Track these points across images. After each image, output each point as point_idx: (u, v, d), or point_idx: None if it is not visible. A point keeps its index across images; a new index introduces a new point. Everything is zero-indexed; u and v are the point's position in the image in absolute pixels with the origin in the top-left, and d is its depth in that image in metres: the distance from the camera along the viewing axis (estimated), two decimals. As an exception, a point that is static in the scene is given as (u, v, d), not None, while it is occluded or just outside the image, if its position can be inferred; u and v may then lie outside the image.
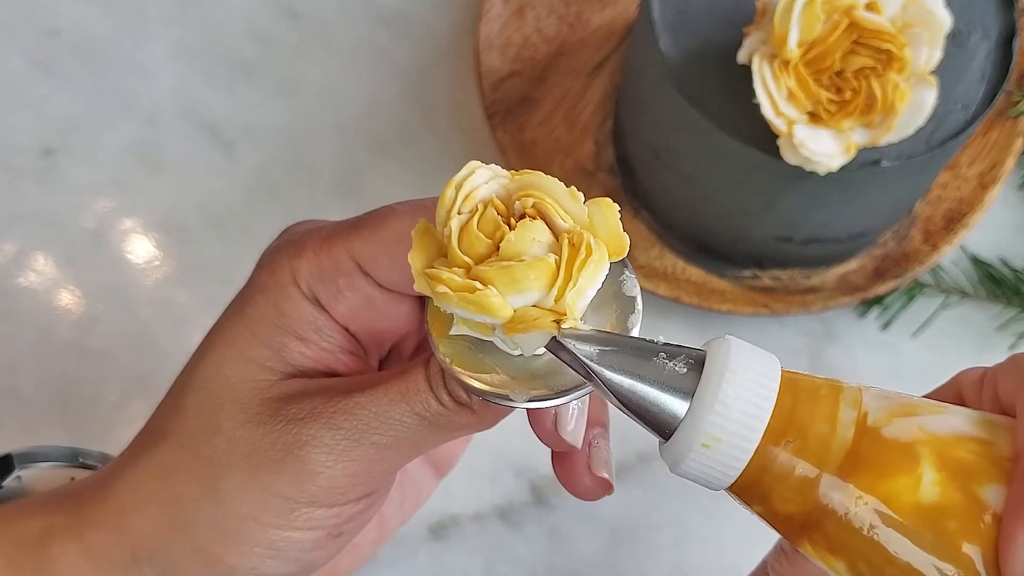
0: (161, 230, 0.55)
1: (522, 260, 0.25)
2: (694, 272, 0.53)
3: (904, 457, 0.25)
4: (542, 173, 0.26)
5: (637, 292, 0.28)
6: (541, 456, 0.51)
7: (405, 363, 0.35)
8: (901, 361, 0.54)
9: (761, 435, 0.26)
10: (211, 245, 0.55)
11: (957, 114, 0.46)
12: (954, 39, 0.46)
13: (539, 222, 0.26)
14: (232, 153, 0.57)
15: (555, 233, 0.26)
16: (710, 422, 0.25)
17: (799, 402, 0.26)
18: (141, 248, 0.55)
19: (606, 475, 0.32)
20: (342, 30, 0.60)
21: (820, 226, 0.50)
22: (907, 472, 0.25)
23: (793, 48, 0.43)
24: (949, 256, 0.55)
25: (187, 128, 0.57)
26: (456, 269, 0.25)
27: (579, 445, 0.31)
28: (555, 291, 0.25)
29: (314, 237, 0.30)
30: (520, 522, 0.50)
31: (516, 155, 0.54)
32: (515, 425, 0.52)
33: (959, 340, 0.54)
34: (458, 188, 0.26)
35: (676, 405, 0.26)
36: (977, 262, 0.55)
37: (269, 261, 0.31)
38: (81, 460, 0.36)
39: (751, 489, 0.26)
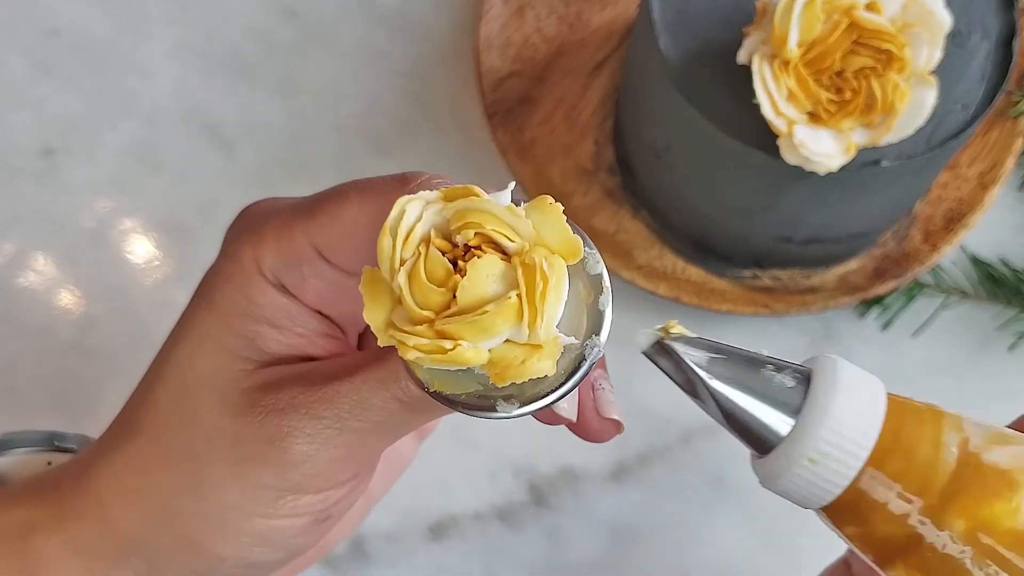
0: (161, 230, 0.55)
1: (485, 310, 0.24)
2: (694, 272, 0.53)
3: (1003, 483, 0.25)
4: (474, 189, 0.25)
5: (602, 268, 0.27)
6: (541, 456, 0.51)
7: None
8: (901, 361, 0.54)
9: (869, 452, 0.25)
10: (211, 245, 0.54)
11: (957, 114, 0.46)
12: (954, 39, 0.46)
13: (487, 256, 0.25)
14: (232, 153, 0.57)
15: (505, 253, 0.25)
16: (820, 437, 0.25)
17: (905, 423, 0.26)
18: (141, 248, 0.55)
19: (615, 415, 0.32)
20: (342, 30, 0.60)
21: (820, 226, 0.50)
22: (1006, 499, 0.25)
23: (793, 48, 0.43)
24: (949, 256, 0.55)
25: (187, 128, 0.57)
26: (420, 328, 0.24)
27: (574, 418, 0.31)
28: (525, 328, 0.25)
29: (273, 222, 0.30)
30: (519, 522, 0.50)
31: (516, 155, 0.54)
32: (515, 425, 0.52)
33: (959, 340, 0.54)
34: (394, 235, 0.25)
35: (782, 419, 0.26)
36: (977, 262, 0.55)
37: (232, 248, 0.30)
38: (57, 444, 0.36)
39: (848, 509, 0.26)
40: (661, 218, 0.54)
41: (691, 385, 0.26)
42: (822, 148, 0.43)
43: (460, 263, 0.25)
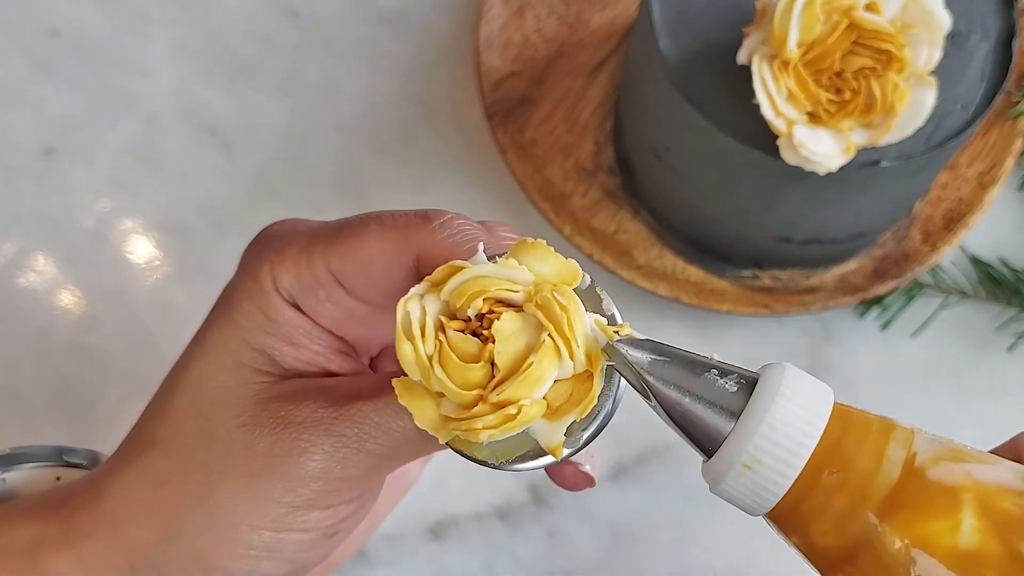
0: (161, 230, 0.55)
1: (530, 362, 0.25)
2: (694, 272, 0.53)
3: (947, 500, 0.25)
4: (456, 263, 0.26)
5: (589, 278, 0.27)
6: (541, 456, 0.52)
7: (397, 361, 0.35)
8: (901, 361, 0.54)
9: (805, 461, 0.25)
10: (211, 245, 0.55)
11: (956, 114, 0.46)
12: (954, 39, 0.46)
13: (506, 314, 0.25)
14: (232, 153, 0.57)
15: (516, 306, 0.26)
16: (754, 443, 0.25)
17: (848, 434, 0.26)
18: (141, 248, 0.55)
19: (590, 471, 0.33)
20: (342, 30, 0.60)
21: (820, 226, 0.50)
22: (948, 516, 0.25)
23: (793, 48, 0.43)
24: (949, 256, 0.55)
25: (187, 128, 0.57)
26: (478, 408, 0.25)
27: (595, 481, 0.32)
28: (568, 360, 0.25)
29: (294, 244, 0.30)
30: (519, 522, 0.50)
31: (516, 155, 0.54)
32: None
33: (959, 340, 0.55)
34: (411, 338, 0.25)
35: (722, 423, 0.26)
36: (977, 262, 0.55)
37: (251, 266, 0.31)
38: (66, 459, 0.36)
39: (789, 518, 0.26)
40: (661, 218, 0.54)
41: (641, 387, 0.26)
42: (822, 148, 0.43)
43: (483, 334, 0.25)
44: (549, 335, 0.25)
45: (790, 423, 0.25)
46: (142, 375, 0.52)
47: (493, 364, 0.25)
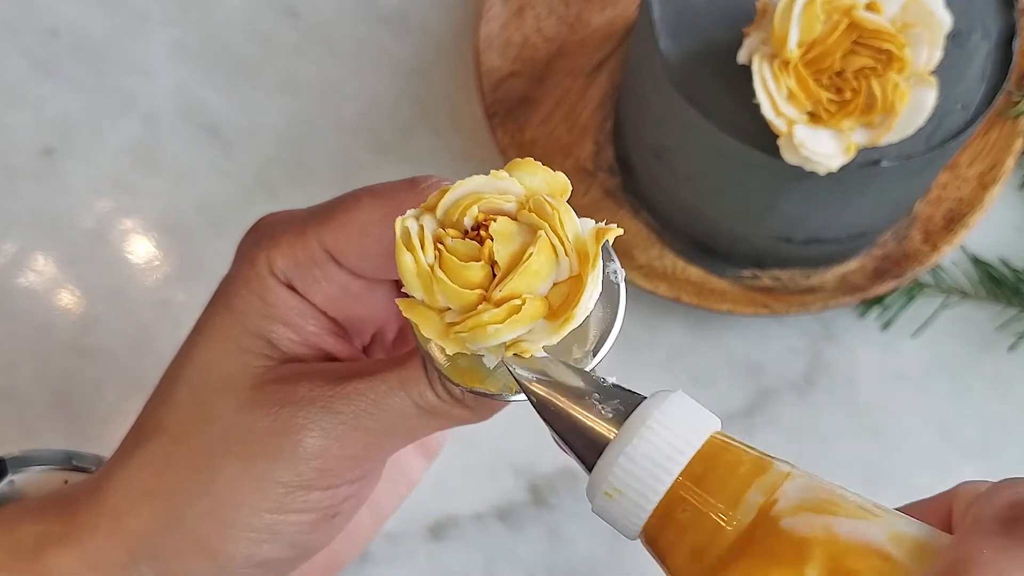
0: (161, 230, 0.55)
1: (530, 253, 0.25)
2: (694, 272, 0.53)
3: (792, 552, 0.24)
4: (446, 186, 0.26)
5: (622, 278, 0.28)
6: (540, 456, 0.51)
7: (388, 349, 0.35)
8: (901, 361, 0.54)
9: (660, 496, 0.25)
10: (211, 245, 0.55)
11: (957, 114, 0.46)
12: (954, 39, 0.46)
13: (502, 219, 0.26)
14: (232, 153, 0.57)
15: (511, 215, 0.26)
16: (613, 474, 0.26)
17: (712, 472, 0.25)
18: (141, 248, 0.55)
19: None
20: (342, 30, 0.60)
21: (820, 226, 0.50)
22: (790, 566, 0.24)
23: (793, 48, 0.43)
24: (949, 256, 0.55)
25: (187, 128, 0.57)
26: (482, 307, 0.25)
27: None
28: (564, 258, 0.26)
29: (288, 229, 0.31)
30: (519, 522, 0.50)
31: (516, 155, 0.54)
32: (515, 425, 0.52)
33: (959, 340, 0.54)
34: (411, 247, 0.26)
35: (594, 449, 0.26)
36: (977, 262, 0.55)
37: (247, 254, 0.31)
38: (74, 463, 0.36)
39: (652, 546, 0.26)
40: (661, 218, 0.54)
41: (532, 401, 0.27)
42: (822, 148, 0.43)
43: (481, 235, 0.26)
44: (544, 232, 0.26)
45: (649, 457, 0.25)
46: (142, 375, 0.52)
47: (493, 268, 0.26)
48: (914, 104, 0.44)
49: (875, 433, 0.53)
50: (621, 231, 0.26)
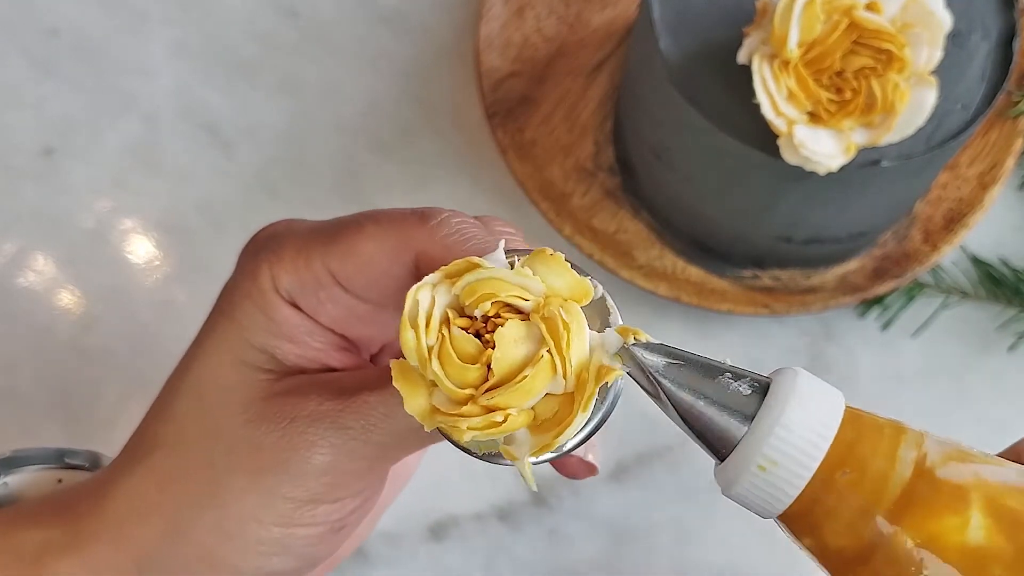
0: (161, 230, 0.55)
1: (525, 375, 0.25)
2: (694, 272, 0.53)
3: (955, 499, 0.26)
4: (473, 260, 0.26)
5: (603, 292, 0.28)
6: (541, 456, 0.51)
7: (398, 356, 0.35)
8: (901, 361, 0.54)
9: (819, 462, 0.26)
10: (211, 245, 0.55)
11: (957, 114, 0.46)
12: (954, 39, 0.46)
13: (510, 322, 0.26)
14: (232, 153, 0.57)
15: (521, 313, 0.26)
16: (769, 444, 0.26)
17: (861, 436, 0.26)
18: (141, 248, 0.55)
19: (593, 459, 0.33)
20: (342, 30, 0.60)
21: (820, 226, 0.50)
22: (956, 513, 0.26)
23: (793, 48, 0.43)
24: (949, 256, 0.55)
25: (187, 128, 0.57)
26: (467, 408, 0.25)
27: (599, 464, 0.32)
28: (561, 379, 0.26)
29: (291, 244, 0.30)
30: (520, 522, 0.50)
31: (516, 155, 0.54)
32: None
33: (959, 340, 0.54)
34: (415, 327, 0.26)
35: (736, 426, 0.26)
36: (977, 262, 0.55)
37: (250, 266, 0.30)
38: (67, 461, 0.36)
39: (803, 519, 0.26)
40: (661, 218, 0.54)
41: (654, 389, 0.27)
42: (822, 148, 0.43)
43: (485, 336, 0.26)
44: (548, 351, 0.25)
45: (804, 425, 0.26)
46: (142, 375, 0.52)
47: (489, 367, 0.25)
48: (914, 104, 0.44)
49: (875, 433, 0.53)
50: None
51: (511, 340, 0.25)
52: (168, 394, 0.31)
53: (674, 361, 0.26)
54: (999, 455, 0.32)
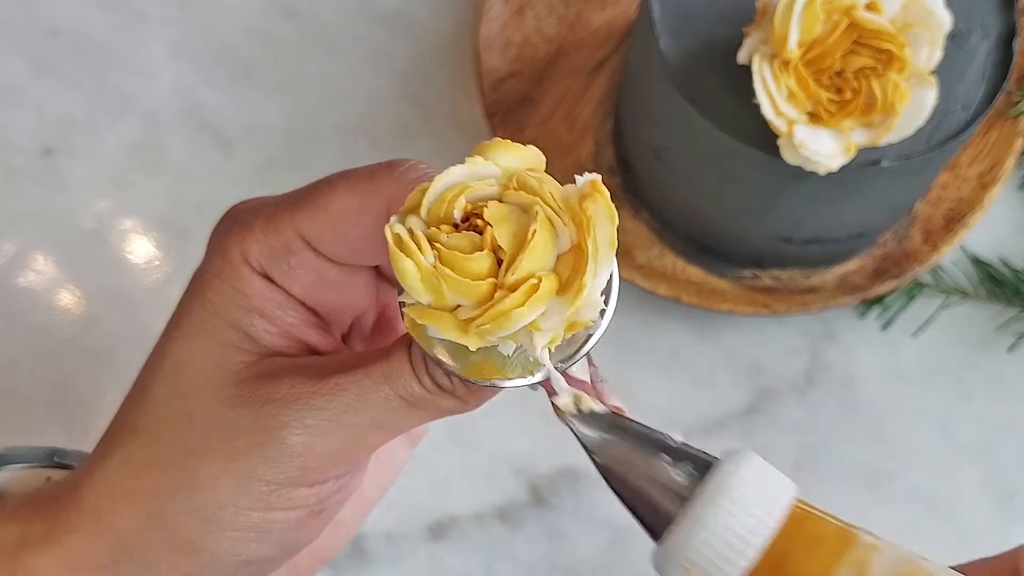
0: (161, 230, 0.55)
1: (533, 230, 0.24)
2: (694, 272, 0.53)
3: None
4: (424, 184, 0.26)
5: (613, 270, 0.27)
6: (541, 456, 0.51)
7: (367, 338, 0.35)
8: (901, 361, 0.54)
9: (742, 574, 0.24)
10: (211, 245, 0.55)
11: (957, 114, 0.46)
12: (954, 39, 0.46)
13: (492, 204, 0.25)
14: (232, 153, 0.57)
15: (497, 199, 0.26)
16: (692, 547, 0.24)
17: (795, 548, 0.24)
18: (141, 248, 0.55)
19: (618, 402, 0.31)
20: (342, 30, 0.60)
21: (820, 226, 0.50)
22: None
23: (793, 48, 0.43)
24: (949, 256, 0.55)
25: (187, 128, 0.57)
26: (497, 295, 0.25)
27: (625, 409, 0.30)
28: (562, 228, 0.25)
29: (260, 215, 0.30)
30: (519, 522, 0.50)
31: (516, 155, 0.54)
32: (515, 425, 0.52)
33: (959, 340, 0.54)
34: (409, 252, 0.25)
35: (667, 514, 0.25)
36: (977, 262, 0.55)
37: (220, 244, 0.30)
38: (57, 459, 0.36)
39: None
40: (661, 218, 0.54)
41: (591, 459, 0.25)
42: (822, 148, 0.43)
43: (477, 224, 0.25)
44: (539, 206, 0.25)
45: (730, 529, 0.24)
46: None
47: (496, 254, 0.25)
48: (914, 104, 0.44)
49: (875, 433, 0.53)
50: (598, 176, 0.25)
51: (502, 215, 0.25)
52: (144, 380, 0.31)
53: (610, 438, 0.25)
54: (994, 559, 0.29)
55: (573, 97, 0.57)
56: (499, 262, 0.25)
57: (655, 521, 0.25)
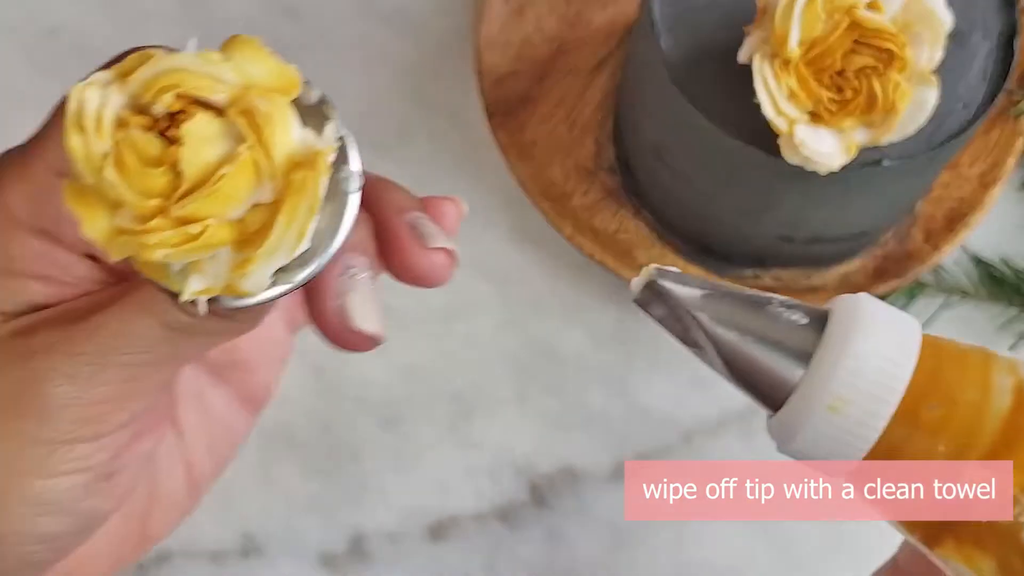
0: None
1: (221, 175, 0.21)
2: (695, 272, 0.53)
3: None
4: (151, 51, 0.22)
5: (321, 94, 0.24)
6: (541, 456, 0.51)
7: None
8: (902, 361, 0.54)
9: (900, 395, 0.21)
10: (211, 245, 0.55)
11: (958, 114, 0.46)
12: (955, 38, 0.46)
13: (198, 116, 0.22)
14: (232, 153, 0.57)
15: (218, 109, 0.22)
16: (839, 379, 0.21)
17: (944, 365, 0.22)
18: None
19: (368, 328, 0.28)
20: (342, 29, 0.60)
21: (821, 226, 0.50)
22: None
23: (794, 47, 0.43)
24: (950, 256, 0.55)
25: (187, 128, 0.57)
26: (156, 222, 0.21)
27: (382, 337, 0.28)
28: (267, 180, 0.22)
29: (13, 162, 0.27)
30: (520, 522, 0.50)
31: (516, 155, 0.54)
32: (515, 424, 0.52)
33: (960, 340, 0.54)
34: (82, 129, 0.22)
35: (793, 364, 0.22)
36: (978, 262, 0.55)
37: None
38: None
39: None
40: (661, 218, 0.54)
41: (687, 332, 0.23)
42: (823, 147, 0.43)
43: (171, 133, 0.22)
44: (249, 147, 0.22)
45: (878, 353, 0.21)
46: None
47: (180, 172, 0.22)
48: (915, 103, 0.44)
49: (876, 433, 0.53)
50: (335, 147, 0.22)
51: (203, 137, 0.22)
52: None
53: (713, 293, 0.22)
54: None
55: (574, 96, 0.57)
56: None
57: (777, 377, 0.22)
